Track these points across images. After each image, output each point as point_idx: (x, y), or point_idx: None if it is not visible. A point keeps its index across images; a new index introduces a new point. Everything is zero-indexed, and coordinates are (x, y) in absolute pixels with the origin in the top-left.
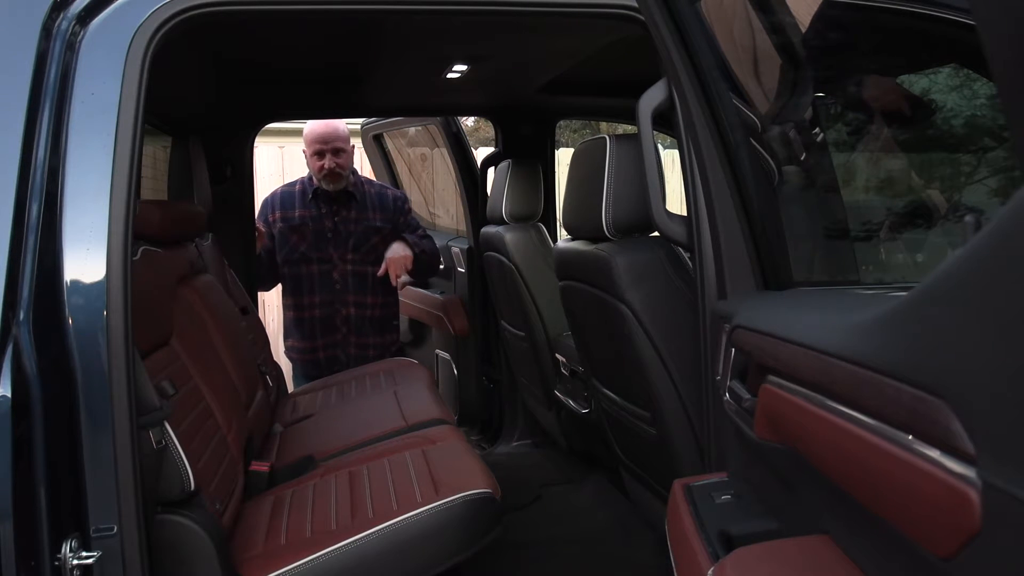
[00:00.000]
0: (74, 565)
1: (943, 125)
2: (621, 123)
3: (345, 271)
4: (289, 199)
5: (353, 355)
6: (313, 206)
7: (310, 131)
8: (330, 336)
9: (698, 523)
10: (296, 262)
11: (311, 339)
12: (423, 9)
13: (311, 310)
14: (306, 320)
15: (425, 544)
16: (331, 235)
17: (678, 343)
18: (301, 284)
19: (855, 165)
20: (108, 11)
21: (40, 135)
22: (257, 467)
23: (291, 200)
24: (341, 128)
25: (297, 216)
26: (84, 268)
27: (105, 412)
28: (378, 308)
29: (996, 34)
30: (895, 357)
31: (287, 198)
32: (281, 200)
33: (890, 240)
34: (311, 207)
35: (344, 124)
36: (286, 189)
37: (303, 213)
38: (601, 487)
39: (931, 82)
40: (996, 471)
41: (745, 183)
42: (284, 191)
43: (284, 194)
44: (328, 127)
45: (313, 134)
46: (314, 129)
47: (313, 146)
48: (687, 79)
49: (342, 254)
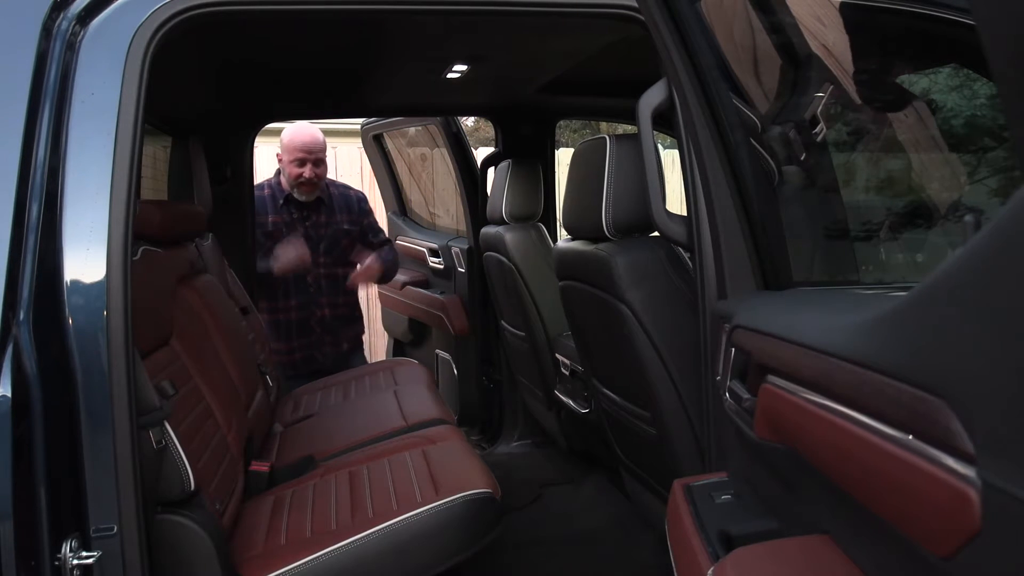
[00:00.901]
0: (74, 565)
1: (943, 125)
2: (621, 123)
3: (318, 275)
4: (261, 204)
5: (329, 353)
6: (285, 211)
7: (292, 138)
8: (305, 337)
9: (698, 523)
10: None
11: (287, 340)
12: (423, 9)
13: (287, 313)
14: (282, 323)
15: (425, 544)
16: (304, 240)
17: (678, 343)
18: (276, 288)
19: (855, 165)
20: (108, 11)
21: (40, 135)
22: (257, 467)
23: (263, 205)
24: (321, 137)
25: (270, 222)
26: (84, 268)
27: (105, 412)
28: (348, 306)
29: (996, 34)
30: (895, 357)
31: (259, 203)
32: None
33: (890, 240)
34: (283, 212)
35: (321, 132)
36: (256, 194)
37: (275, 219)
38: (601, 487)
39: (931, 82)
40: (996, 470)
41: (745, 183)
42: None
43: (256, 199)
44: (311, 136)
45: (295, 142)
46: (296, 137)
47: (295, 154)
48: (687, 79)
49: (315, 258)
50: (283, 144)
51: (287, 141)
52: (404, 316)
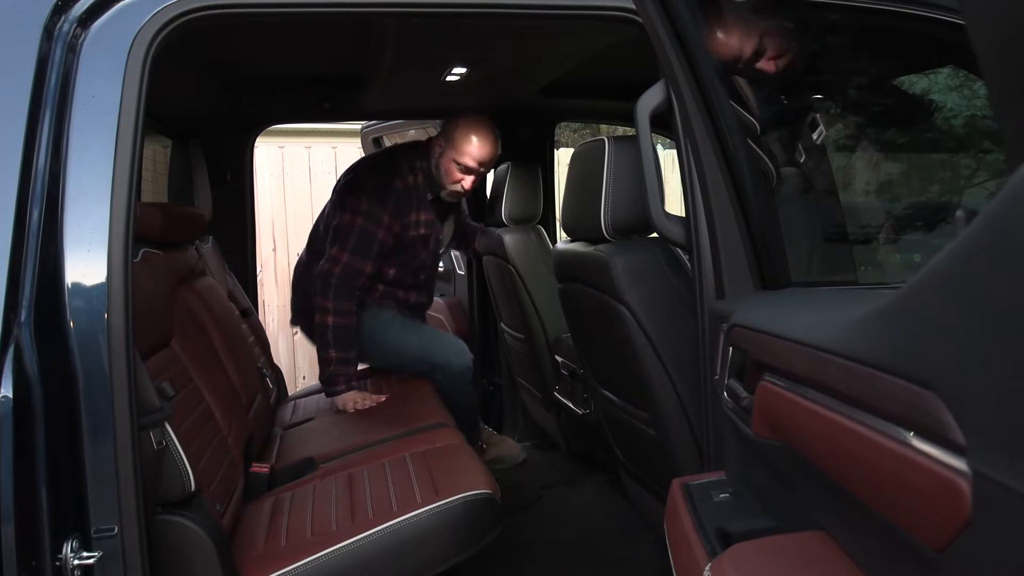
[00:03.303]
0: (75, 565)
1: (943, 125)
2: (620, 125)
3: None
4: (401, 200)
5: None
6: (431, 210)
7: (475, 144)
8: None
9: (696, 521)
10: None
11: None
12: (423, 12)
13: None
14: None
15: (425, 545)
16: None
17: (677, 344)
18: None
19: (852, 166)
20: (109, 14)
21: (41, 138)
22: (257, 468)
23: (404, 201)
24: (499, 151)
25: (423, 220)
26: (85, 270)
27: (106, 413)
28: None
29: (984, 35)
30: (888, 351)
31: (397, 200)
32: None
33: (888, 242)
34: (430, 210)
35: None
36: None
37: (427, 217)
38: (601, 488)
39: (931, 82)
40: (986, 461)
41: (743, 184)
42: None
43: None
44: (493, 148)
45: (476, 151)
46: (482, 145)
47: (468, 160)
48: (685, 81)
49: (431, 259)
50: (458, 140)
51: (468, 142)
52: None
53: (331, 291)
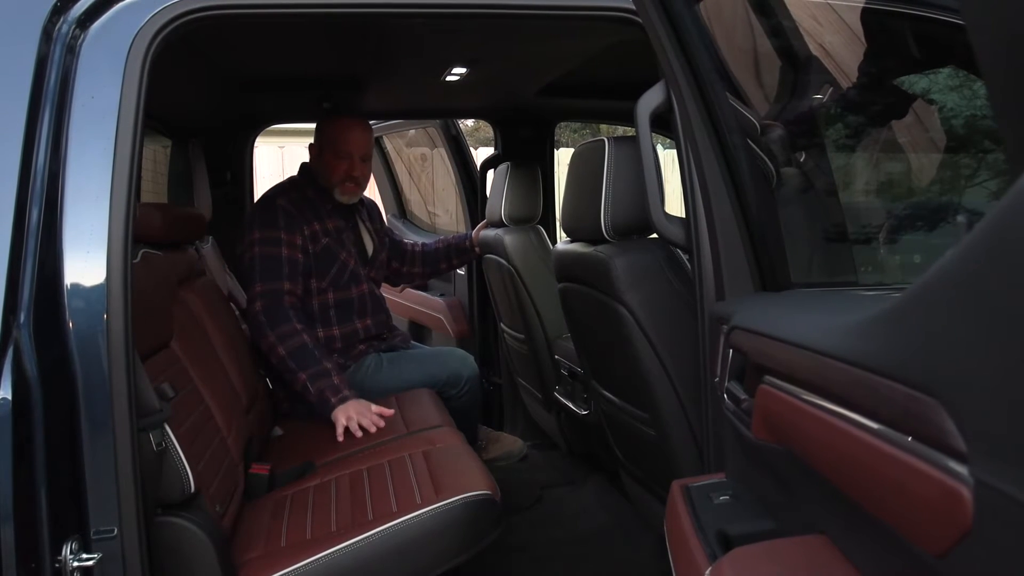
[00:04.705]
0: (74, 567)
1: (943, 125)
2: (620, 125)
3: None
4: (300, 212)
5: None
6: (337, 216)
7: (338, 130)
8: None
9: (696, 523)
10: None
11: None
12: (423, 12)
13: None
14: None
15: (425, 546)
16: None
17: (677, 344)
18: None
19: (853, 167)
20: (108, 15)
21: (40, 138)
22: (257, 470)
23: (304, 213)
24: (371, 131)
25: (331, 228)
26: (84, 271)
27: (105, 414)
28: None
29: (985, 37)
30: (889, 356)
31: (296, 212)
32: None
33: (888, 242)
34: (335, 217)
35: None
36: (279, 202)
37: (333, 224)
38: (601, 489)
39: (931, 82)
40: (987, 468)
41: (743, 185)
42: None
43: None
44: (360, 128)
45: (342, 134)
46: (345, 129)
47: (339, 147)
48: (685, 81)
49: (367, 272)
50: (328, 133)
51: (338, 131)
52: (404, 318)
53: (265, 325)
